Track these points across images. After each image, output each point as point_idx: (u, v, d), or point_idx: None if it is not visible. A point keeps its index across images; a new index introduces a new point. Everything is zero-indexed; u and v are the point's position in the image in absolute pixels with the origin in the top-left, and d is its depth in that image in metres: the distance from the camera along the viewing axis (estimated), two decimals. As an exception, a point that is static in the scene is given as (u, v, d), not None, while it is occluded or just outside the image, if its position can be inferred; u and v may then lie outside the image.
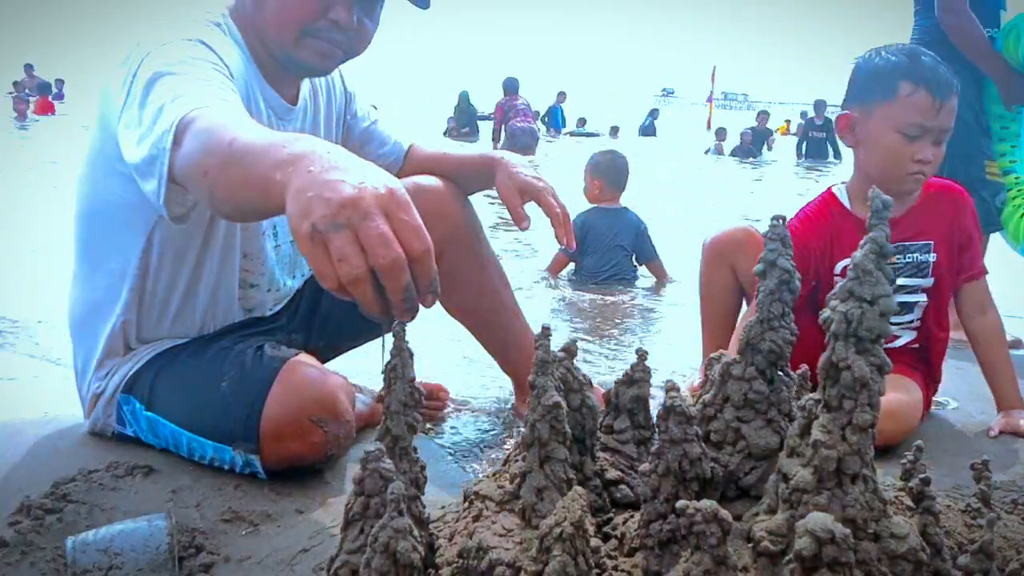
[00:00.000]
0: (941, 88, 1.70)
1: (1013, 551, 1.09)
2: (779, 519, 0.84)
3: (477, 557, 0.90)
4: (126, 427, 1.50)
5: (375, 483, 0.87)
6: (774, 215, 1.03)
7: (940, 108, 1.70)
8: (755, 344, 1.01)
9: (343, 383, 1.44)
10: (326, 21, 1.41)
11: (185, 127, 1.08)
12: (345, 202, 0.83)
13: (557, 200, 1.59)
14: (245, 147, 0.98)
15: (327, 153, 0.90)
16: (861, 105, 1.79)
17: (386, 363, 0.97)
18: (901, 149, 1.72)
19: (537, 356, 0.96)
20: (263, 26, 1.44)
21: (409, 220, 0.86)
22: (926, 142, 1.71)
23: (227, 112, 1.11)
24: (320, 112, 1.68)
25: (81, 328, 1.55)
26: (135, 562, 1.06)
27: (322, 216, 0.83)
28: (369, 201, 0.84)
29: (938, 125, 1.71)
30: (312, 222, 0.83)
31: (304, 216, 0.84)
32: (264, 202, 0.95)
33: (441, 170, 1.74)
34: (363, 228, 0.83)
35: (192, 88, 1.17)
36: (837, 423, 0.83)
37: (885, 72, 1.75)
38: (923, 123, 1.70)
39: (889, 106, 1.73)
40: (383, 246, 0.82)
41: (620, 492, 1.06)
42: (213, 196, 1.04)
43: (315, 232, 0.83)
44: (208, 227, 1.48)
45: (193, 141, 1.07)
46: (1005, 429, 1.77)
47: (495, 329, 1.79)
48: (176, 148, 1.09)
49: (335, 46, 1.46)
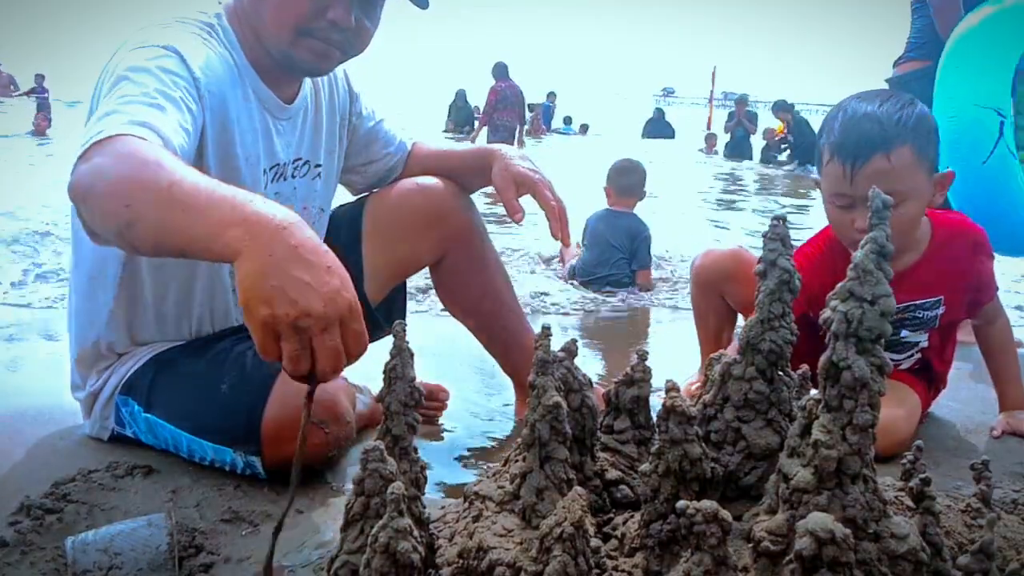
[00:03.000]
0: (851, 153, 1.50)
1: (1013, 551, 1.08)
2: (779, 519, 0.84)
3: (477, 557, 0.90)
4: (125, 428, 1.50)
5: (375, 483, 0.87)
6: (774, 216, 1.03)
7: (853, 176, 1.51)
8: (755, 344, 1.01)
9: (343, 384, 1.43)
10: (324, 21, 1.40)
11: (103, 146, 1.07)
12: (312, 312, 0.90)
13: (554, 193, 1.55)
14: (188, 195, 0.99)
15: (283, 229, 0.94)
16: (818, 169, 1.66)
17: (386, 363, 0.98)
18: (839, 219, 1.58)
19: (537, 356, 0.96)
20: (260, 25, 1.44)
21: (359, 329, 0.95)
22: (860, 209, 1.51)
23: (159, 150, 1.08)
24: (322, 111, 1.67)
25: (78, 329, 1.55)
26: (135, 562, 1.06)
27: (285, 315, 0.90)
28: (332, 317, 0.91)
29: (857, 193, 1.51)
30: (272, 314, 0.90)
31: (263, 303, 0.90)
32: (199, 252, 0.99)
33: (443, 167, 1.74)
34: (320, 339, 0.91)
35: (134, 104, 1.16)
36: (837, 423, 0.83)
37: (820, 138, 1.61)
38: (841, 192, 1.54)
39: (824, 176, 1.60)
40: (334, 359, 0.93)
41: (620, 492, 1.06)
42: (130, 229, 1.02)
43: (273, 324, 0.90)
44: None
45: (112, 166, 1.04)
46: (1007, 429, 1.77)
47: (496, 329, 1.79)
48: (83, 161, 1.07)
49: (333, 46, 1.44)
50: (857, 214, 1.53)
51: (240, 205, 0.97)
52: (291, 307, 0.90)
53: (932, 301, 1.70)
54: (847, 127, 1.54)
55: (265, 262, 0.92)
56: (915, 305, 1.69)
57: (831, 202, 1.59)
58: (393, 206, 1.69)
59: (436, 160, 1.77)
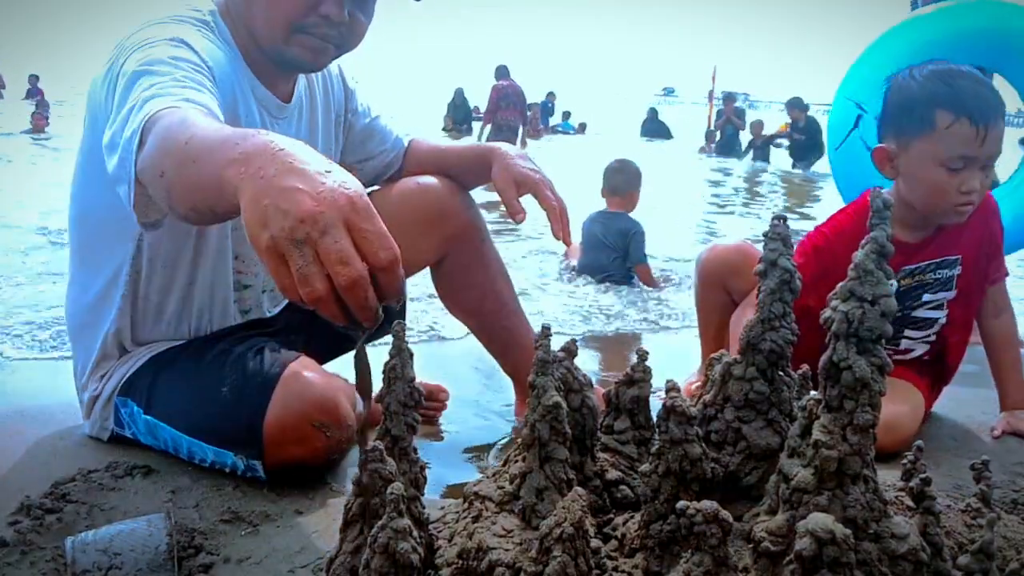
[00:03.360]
0: (984, 114, 1.58)
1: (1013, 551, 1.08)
2: (780, 519, 0.84)
3: (477, 558, 0.90)
4: (124, 429, 1.50)
5: (375, 484, 0.87)
6: (775, 215, 1.03)
7: (985, 136, 1.58)
8: (755, 344, 1.01)
9: (344, 387, 1.42)
10: (316, 16, 1.39)
11: (149, 128, 1.05)
12: (303, 216, 0.78)
13: (554, 193, 1.54)
14: (200, 145, 0.94)
15: (280, 151, 0.85)
16: (897, 139, 1.68)
17: (384, 363, 0.97)
18: (945, 182, 1.61)
19: (537, 356, 0.96)
20: (253, 23, 1.42)
21: (372, 228, 0.81)
22: (972, 171, 1.60)
23: (190, 111, 1.06)
24: (317, 109, 1.66)
25: (78, 330, 1.55)
26: (135, 562, 1.06)
27: (280, 230, 0.79)
28: (328, 213, 0.79)
29: (984, 154, 1.60)
30: (271, 235, 0.79)
31: (262, 227, 0.80)
32: (219, 203, 0.91)
33: (442, 164, 1.73)
34: (322, 245, 0.78)
35: (166, 89, 1.14)
36: (838, 423, 0.83)
37: (920, 102, 1.62)
38: (967, 154, 1.59)
39: (928, 139, 1.61)
40: (341, 263, 0.78)
41: (620, 492, 1.06)
42: (171, 197, 1.00)
43: (274, 246, 0.80)
44: (199, 230, 1.46)
45: (152, 141, 1.03)
46: (1007, 429, 1.77)
47: (497, 329, 1.79)
48: (140, 150, 1.06)
49: (326, 41, 1.43)
50: (968, 175, 1.60)
51: (240, 141, 0.89)
52: (284, 218, 0.79)
53: (952, 259, 1.76)
54: (975, 92, 1.60)
55: (258, 185, 0.82)
56: (935, 263, 1.75)
57: (945, 164, 1.61)
58: (393, 205, 1.68)
59: (434, 157, 1.76)
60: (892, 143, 1.69)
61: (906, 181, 1.69)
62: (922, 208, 1.68)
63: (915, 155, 1.64)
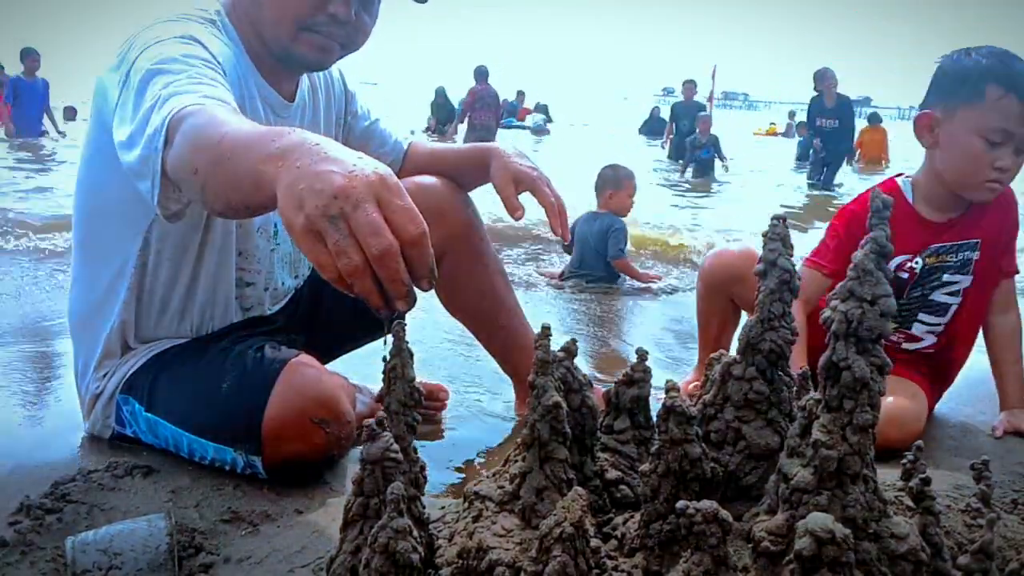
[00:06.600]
0: None
1: (1013, 551, 1.08)
2: (779, 519, 0.84)
3: (477, 557, 0.90)
4: (125, 428, 1.50)
5: (375, 483, 0.87)
6: (774, 216, 1.03)
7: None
8: (755, 344, 1.01)
9: (344, 384, 1.43)
10: (324, 15, 1.41)
11: (176, 125, 1.07)
12: (336, 192, 0.82)
13: (552, 190, 1.56)
14: (234, 143, 0.97)
15: (316, 145, 0.89)
16: (944, 105, 1.73)
17: (386, 362, 0.97)
18: (981, 154, 1.67)
19: (537, 356, 0.96)
20: (259, 21, 1.44)
21: (402, 203, 0.84)
22: (1008, 149, 1.66)
23: (217, 109, 1.09)
24: (320, 110, 1.67)
25: (81, 329, 1.55)
26: (135, 562, 1.06)
27: (315, 208, 0.82)
28: (360, 189, 0.82)
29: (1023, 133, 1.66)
30: (306, 215, 0.82)
31: (297, 209, 0.83)
32: (255, 197, 0.94)
33: (441, 166, 1.73)
34: (355, 218, 0.81)
35: (184, 86, 1.16)
36: (837, 423, 0.83)
37: (974, 74, 1.68)
38: (1009, 129, 1.65)
39: (975, 109, 1.67)
40: (373, 235, 0.81)
41: (620, 492, 1.06)
42: (205, 193, 1.03)
43: (310, 225, 0.82)
44: (205, 224, 1.47)
45: (183, 139, 1.05)
46: (1008, 429, 1.77)
47: (496, 329, 1.79)
48: (168, 147, 1.08)
49: (333, 40, 1.45)
50: (1004, 152, 1.66)
51: (276, 138, 0.93)
52: (318, 197, 0.82)
53: (972, 242, 1.79)
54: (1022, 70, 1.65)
55: (293, 174, 0.86)
56: (956, 245, 1.78)
57: (985, 135, 1.66)
58: None
59: (433, 159, 1.77)
60: (938, 110, 1.75)
61: (943, 150, 1.74)
62: (953, 180, 1.72)
63: (958, 122, 1.70)
